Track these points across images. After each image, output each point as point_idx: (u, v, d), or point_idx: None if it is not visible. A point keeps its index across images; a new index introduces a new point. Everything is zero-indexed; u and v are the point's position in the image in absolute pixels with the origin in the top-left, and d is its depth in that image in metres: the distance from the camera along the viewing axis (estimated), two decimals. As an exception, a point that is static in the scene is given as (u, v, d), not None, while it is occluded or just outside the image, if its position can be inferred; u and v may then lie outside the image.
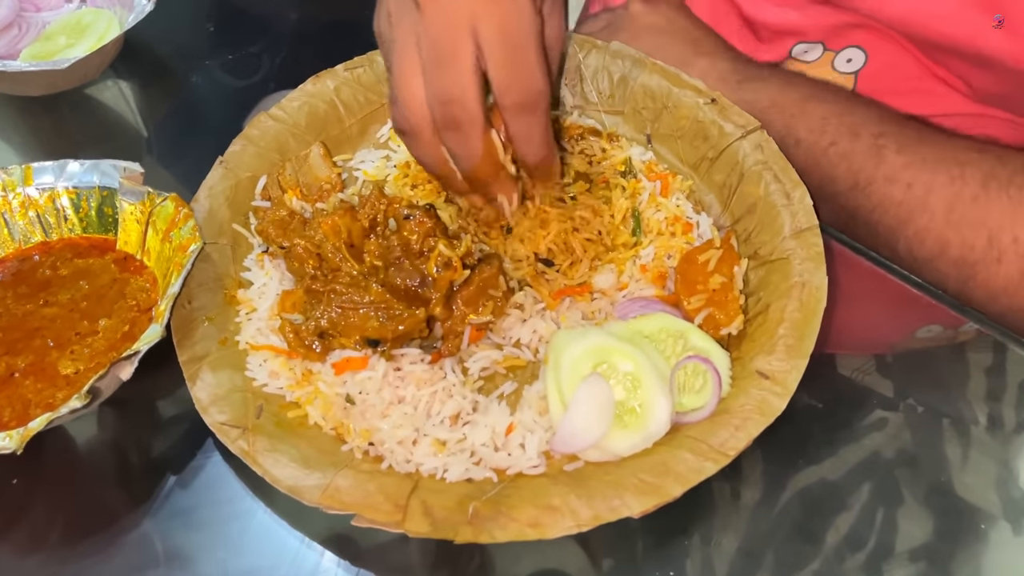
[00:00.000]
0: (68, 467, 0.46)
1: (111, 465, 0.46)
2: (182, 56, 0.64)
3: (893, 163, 0.50)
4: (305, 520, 0.43)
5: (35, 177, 0.50)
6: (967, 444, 0.53)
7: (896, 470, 0.48)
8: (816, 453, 0.49)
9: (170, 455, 0.45)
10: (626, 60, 0.57)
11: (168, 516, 0.43)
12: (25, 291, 0.49)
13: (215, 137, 0.54)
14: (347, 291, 0.46)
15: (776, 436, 0.46)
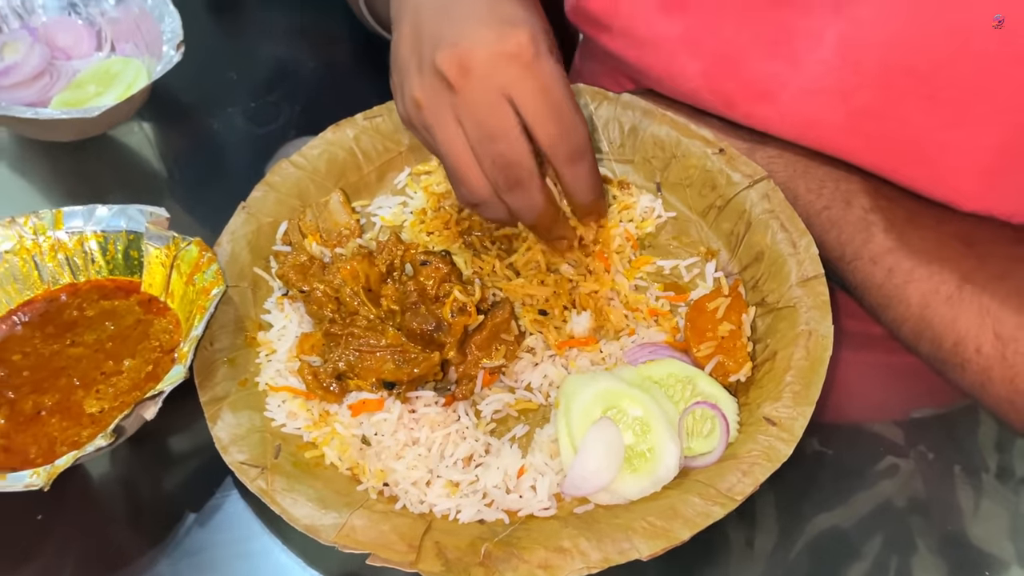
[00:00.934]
0: (89, 503, 0.47)
1: (130, 502, 0.47)
2: (205, 103, 0.66)
3: (879, 244, 0.51)
4: (321, 559, 0.44)
5: (65, 221, 0.52)
6: (979, 492, 0.54)
7: (908, 518, 0.49)
8: (828, 500, 0.50)
9: (189, 493, 0.46)
10: (636, 111, 0.58)
11: (187, 553, 0.44)
12: (52, 331, 0.51)
13: (237, 182, 0.56)
14: (364, 334, 0.47)
15: (787, 483, 0.47)
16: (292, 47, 0.72)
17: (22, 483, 0.41)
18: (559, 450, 0.45)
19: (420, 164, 0.59)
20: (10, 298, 0.51)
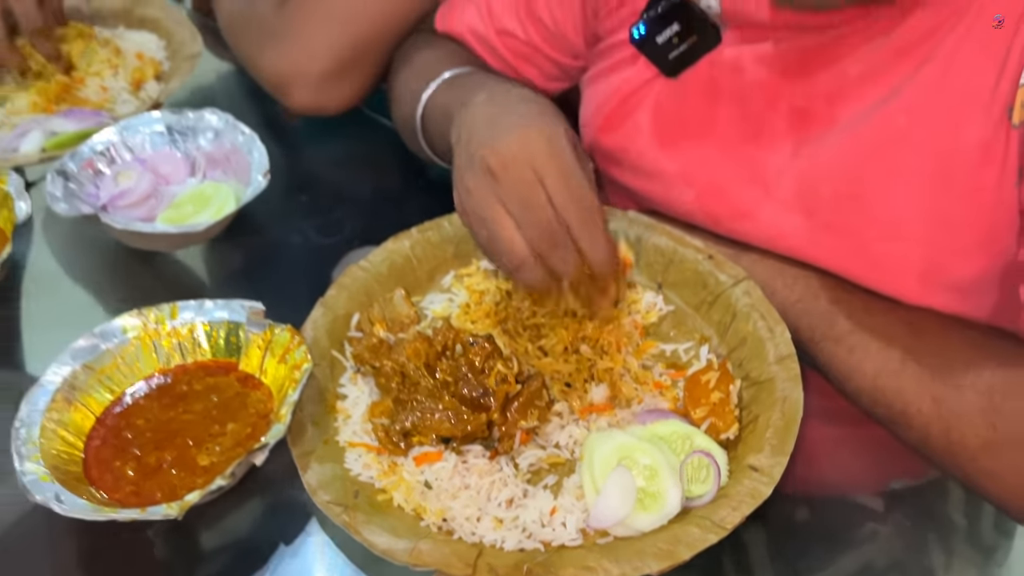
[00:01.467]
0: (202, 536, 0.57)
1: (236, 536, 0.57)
2: (283, 219, 0.80)
3: (841, 327, 0.63)
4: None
5: (180, 313, 0.65)
6: (950, 554, 0.64)
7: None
8: (818, 561, 0.60)
9: (283, 529, 0.57)
10: (640, 225, 0.72)
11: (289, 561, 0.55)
12: (168, 402, 0.62)
13: (311, 283, 0.68)
14: (425, 400, 0.59)
15: (781, 547, 0.57)
16: (352, 173, 0.87)
17: (160, 513, 0.52)
18: (583, 493, 0.56)
19: (463, 268, 0.72)
20: (134, 374, 0.63)
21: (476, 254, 0.72)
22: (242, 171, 0.79)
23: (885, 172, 0.61)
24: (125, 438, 0.60)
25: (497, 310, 0.67)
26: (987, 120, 0.57)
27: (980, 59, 0.57)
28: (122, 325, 0.63)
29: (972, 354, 0.59)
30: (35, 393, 0.59)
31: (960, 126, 0.58)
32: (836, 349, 0.63)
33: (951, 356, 0.59)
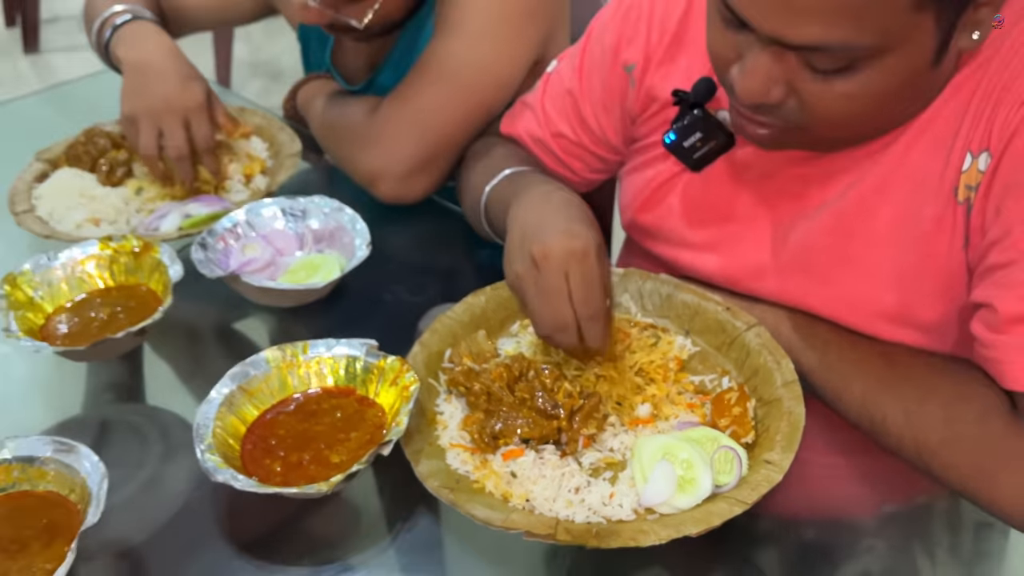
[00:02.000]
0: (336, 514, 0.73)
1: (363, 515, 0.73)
2: (377, 282, 0.98)
3: (832, 359, 0.80)
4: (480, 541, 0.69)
5: (309, 349, 0.82)
6: (935, 563, 0.78)
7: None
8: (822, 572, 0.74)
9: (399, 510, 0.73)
10: (670, 284, 0.89)
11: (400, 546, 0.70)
12: (301, 416, 0.79)
13: (404, 332, 0.86)
14: (509, 411, 0.75)
15: (789, 563, 0.72)
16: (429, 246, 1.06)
17: (314, 490, 0.68)
18: (635, 483, 0.72)
19: (526, 319, 0.89)
20: (275, 395, 0.80)
21: (538, 308, 0.90)
22: (344, 244, 0.98)
23: (862, 238, 0.79)
24: (270, 444, 0.76)
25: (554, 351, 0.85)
26: (938, 198, 0.74)
27: (931, 152, 0.75)
28: (267, 356, 0.81)
29: (934, 376, 0.75)
30: (206, 405, 0.76)
31: (917, 203, 0.76)
32: (829, 376, 0.80)
33: (917, 378, 0.76)
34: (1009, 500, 0.68)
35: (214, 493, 0.75)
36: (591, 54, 0.95)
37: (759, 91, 0.68)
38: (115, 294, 0.94)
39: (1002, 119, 0.69)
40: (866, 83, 0.66)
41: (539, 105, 1.00)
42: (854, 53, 0.64)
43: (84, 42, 1.25)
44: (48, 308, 0.91)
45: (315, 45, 1.31)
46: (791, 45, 0.65)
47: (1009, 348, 0.68)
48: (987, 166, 0.70)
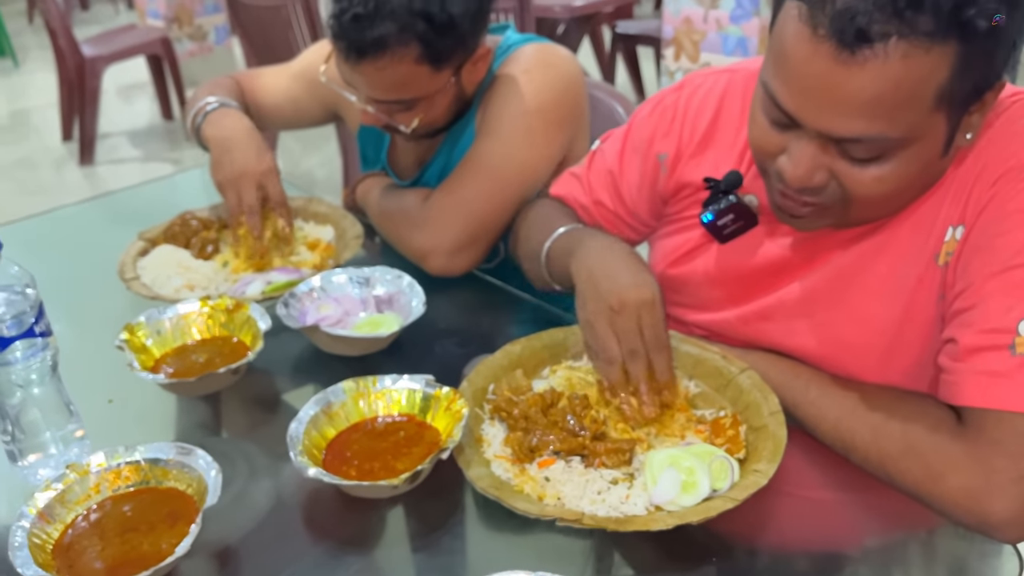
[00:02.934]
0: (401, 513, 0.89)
1: (423, 513, 0.89)
2: (429, 338, 1.16)
3: (813, 395, 0.96)
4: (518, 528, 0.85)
5: (379, 383, 0.99)
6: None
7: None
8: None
9: (450, 508, 0.89)
10: (675, 339, 1.06)
11: (451, 536, 0.86)
12: (370, 435, 0.95)
13: (452, 375, 1.03)
14: (543, 430, 0.92)
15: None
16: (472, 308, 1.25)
17: (387, 483, 0.85)
18: (647, 487, 0.87)
19: (555, 364, 1.07)
20: (349, 419, 0.97)
21: (564, 356, 1.08)
22: (402, 306, 1.17)
23: (858, 289, 0.95)
24: (346, 455, 0.93)
25: (583, 385, 1.02)
26: (919, 262, 0.89)
27: (917, 226, 0.89)
28: (344, 387, 0.98)
29: (895, 401, 0.92)
30: (296, 423, 0.93)
31: (904, 265, 0.92)
32: (809, 409, 0.96)
33: (881, 403, 0.92)
34: (954, 498, 0.83)
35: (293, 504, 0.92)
36: (631, 141, 1.16)
37: (807, 176, 0.84)
38: (211, 344, 1.12)
39: (976, 197, 0.86)
40: (894, 169, 0.81)
41: (585, 176, 1.21)
42: (886, 144, 0.79)
43: (131, 155, 1.50)
44: (157, 353, 1.10)
45: (372, 146, 1.54)
46: (836, 138, 0.81)
47: (964, 372, 0.84)
48: (961, 235, 0.86)
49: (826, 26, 0.75)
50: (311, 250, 1.33)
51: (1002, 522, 0.79)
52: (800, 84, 0.80)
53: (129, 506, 0.87)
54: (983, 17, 0.73)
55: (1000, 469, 0.79)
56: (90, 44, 4.33)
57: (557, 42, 1.42)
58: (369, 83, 1.22)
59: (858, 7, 0.73)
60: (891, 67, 0.75)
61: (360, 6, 1.16)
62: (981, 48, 0.76)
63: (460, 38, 1.22)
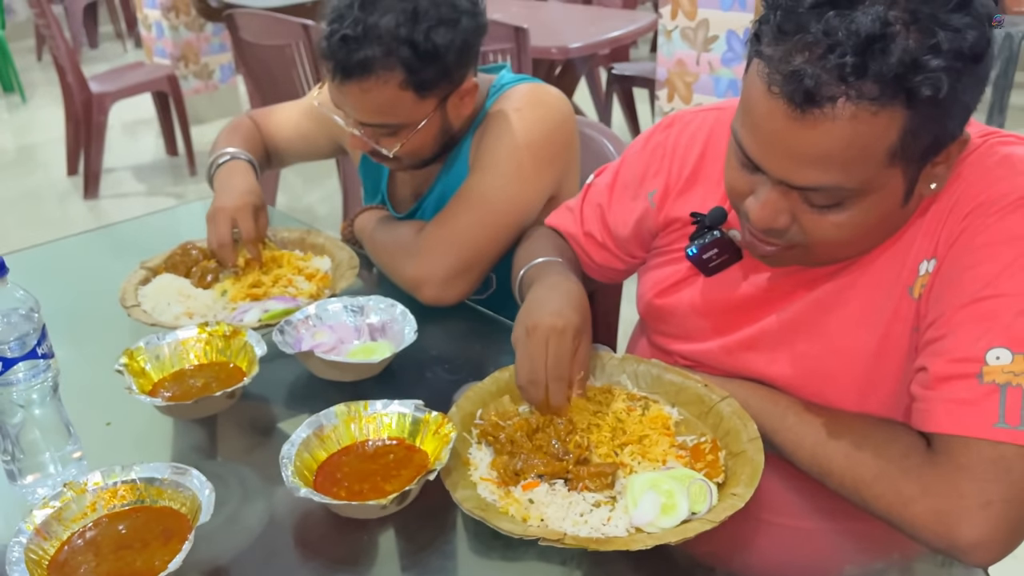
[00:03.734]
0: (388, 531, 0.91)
1: (410, 530, 0.91)
2: (420, 364, 1.19)
3: (790, 422, 0.99)
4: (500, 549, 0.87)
5: (370, 407, 1.02)
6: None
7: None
8: None
9: (437, 527, 0.91)
10: (658, 367, 1.10)
11: (437, 551, 0.88)
12: (363, 459, 0.98)
13: (442, 401, 1.06)
14: (528, 454, 0.95)
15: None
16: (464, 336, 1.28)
17: (375, 503, 0.87)
18: (628, 510, 0.90)
19: (543, 393, 1.10)
20: (340, 441, 1.00)
21: (552, 384, 1.10)
22: (395, 333, 1.20)
23: (836, 320, 0.99)
24: (337, 477, 0.96)
25: (569, 411, 1.05)
26: (893, 294, 0.93)
27: (891, 261, 0.93)
28: (335, 411, 1.01)
29: (868, 427, 0.94)
30: (288, 444, 0.96)
31: (879, 297, 0.95)
32: (787, 435, 0.99)
33: (855, 430, 0.95)
34: (924, 522, 0.85)
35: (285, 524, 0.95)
36: (623, 177, 1.21)
37: (770, 219, 0.89)
38: (208, 369, 1.16)
39: (947, 232, 0.90)
40: (852, 217, 0.86)
41: (578, 209, 1.26)
42: (842, 194, 0.84)
43: (135, 190, 1.57)
44: (155, 378, 1.13)
45: (372, 179, 1.59)
46: (794, 186, 0.85)
47: (934, 400, 0.87)
48: (933, 268, 0.90)
49: (779, 85, 0.80)
50: (308, 280, 1.37)
51: (971, 545, 0.82)
52: (761, 135, 0.85)
53: (124, 524, 0.90)
54: (928, 85, 0.76)
55: (968, 494, 0.82)
56: (97, 80, 4.41)
57: (554, 83, 1.47)
58: (355, 105, 1.27)
59: (806, 70, 0.78)
60: (840, 127, 0.79)
61: (349, 28, 1.21)
62: (930, 112, 0.80)
63: (444, 68, 1.27)
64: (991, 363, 0.83)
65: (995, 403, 0.83)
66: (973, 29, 0.76)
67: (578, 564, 0.89)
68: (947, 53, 0.76)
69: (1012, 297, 0.84)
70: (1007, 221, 0.86)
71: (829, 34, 0.76)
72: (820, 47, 0.77)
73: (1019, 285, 0.84)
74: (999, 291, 0.84)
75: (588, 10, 4.39)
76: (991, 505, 0.81)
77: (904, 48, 0.75)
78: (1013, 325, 0.83)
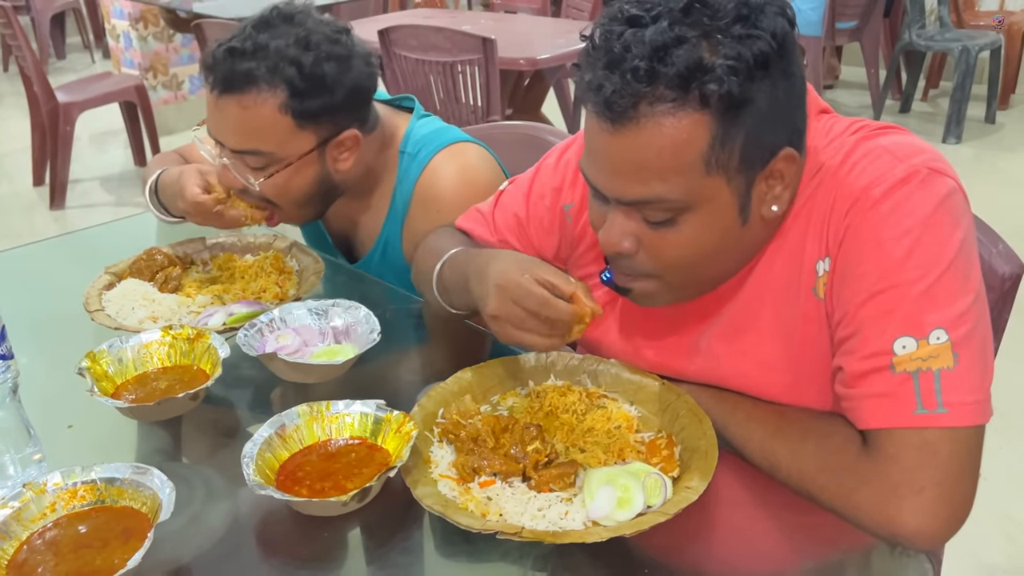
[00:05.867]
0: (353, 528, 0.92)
1: (372, 526, 0.92)
2: (384, 366, 1.21)
3: (739, 417, 1.01)
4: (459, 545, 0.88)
5: (332, 407, 1.03)
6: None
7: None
8: None
9: (398, 522, 0.92)
10: (617, 366, 1.12)
11: (399, 546, 0.89)
12: (325, 458, 0.99)
13: (407, 401, 1.08)
14: (487, 453, 0.96)
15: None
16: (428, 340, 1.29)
17: (336, 500, 0.88)
18: (585, 504, 0.92)
19: (505, 392, 1.11)
20: (303, 440, 1.01)
21: (513, 385, 1.12)
22: (359, 336, 1.21)
23: (752, 335, 1.02)
24: (298, 476, 0.97)
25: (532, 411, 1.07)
26: (799, 297, 0.96)
27: (787, 263, 0.97)
28: (298, 411, 1.02)
29: (810, 421, 0.97)
30: (250, 444, 0.97)
31: (786, 302, 0.98)
32: (736, 431, 1.01)
33: (799, 424, 0.97)
34: (867, 512, 0.88)
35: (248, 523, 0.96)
36: (537, 188, 1.22)
37: (615, 241, 0.93)
38: (172, 371, 1.16)
39: (833, 230, 0.94)
40: (688, 235, 0.91)
41: (490, 215, 1.26)
42: (671, 206, 0.88)
43: (102, 200, 1.56)
44: (118, 381, 1.14)
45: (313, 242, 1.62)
46: (624, 201, 0.90)
47: (856, 398, 0.91)
48: (829, 267, 0.93)
49: (591, 101, 0.86)
50: (277, 272, 1.38)
51: (912, 532, 0.84)
52: (592, 157, 0.92)
53: (84, 524, 0.90)
54: (714, 82, 0.82)
55: (902, 483, 0.85)
56: (64, 91, 4.39)
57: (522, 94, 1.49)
58: (230, 125, 1.26)
59: (607, 81, 0.84)
60: (647, 134, 0.85)
61: (238, 41, 1.23)
62: (730, 116, 0.85)
63: (328, 103, 1.27)
64: (899, 353, 0.87)
65: (910, 390, 0.86)
66: (757, 40, 0.82)
67: (538, 558, 0.90)
68: (730, 55, 0.82)
69: (904, 286, 0.87)
70: (882, 212, 0.89)
71: (626, 48, 0.83)
72: (617, 60, 0.84)
73: (908, 273, 0.87)
74: (891, 282, 0.87)
75: (556, 22, 4.45)
76: (924, 491, 0.84)
77: (690, 53, 0.82)
78: (911, 313, 0.86)
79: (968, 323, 0.86)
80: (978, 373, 0.86)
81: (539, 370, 1.14)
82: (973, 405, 0.85)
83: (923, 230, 0.88)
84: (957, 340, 0.86)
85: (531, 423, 1.01)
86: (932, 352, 0.86)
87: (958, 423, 0.85)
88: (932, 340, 0.86)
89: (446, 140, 1.43)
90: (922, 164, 0.91)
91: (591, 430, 1.03)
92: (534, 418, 1.05)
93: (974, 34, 4.85)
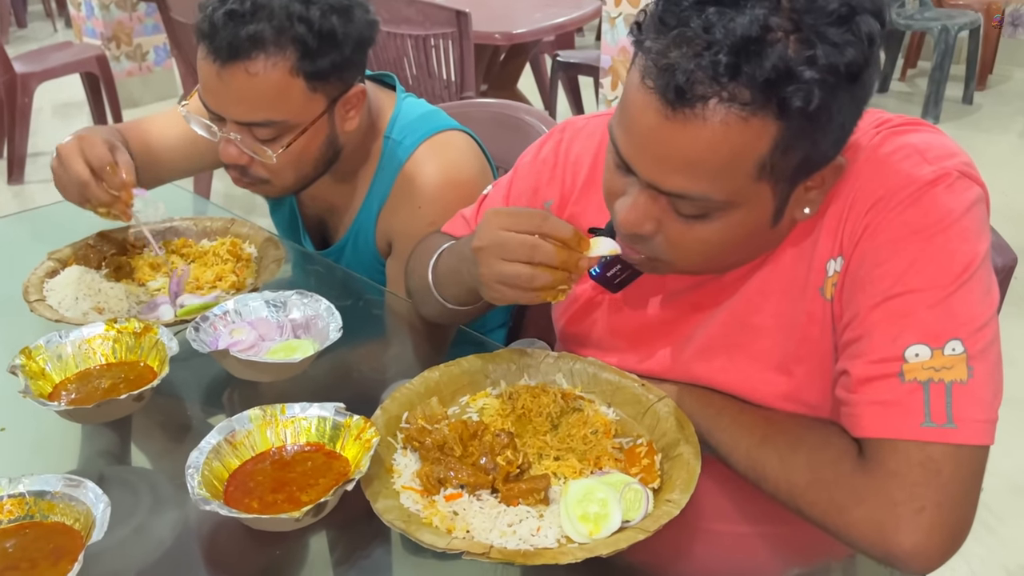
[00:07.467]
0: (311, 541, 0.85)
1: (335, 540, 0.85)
2: (346, 363, 1.13)
3: (725, 423, 0.95)
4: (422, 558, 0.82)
5: (287, 411, 0.96)
6: None
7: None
8: None
9: (359, 538, 0.85)
10: (595, 365, 1.05)
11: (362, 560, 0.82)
12: (277, 465, 0.92)
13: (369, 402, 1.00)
14: (454, 463, 0.89)
15: None
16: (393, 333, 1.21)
17: (288, 517, 0.81)
18: (560, 519, 0.85)
19: (475, 393, 1.05)
20: (255, 447, 0.93)
21: (484, 384, 1.05)
22: (319, 330, 1.13)
23: (751, 330, 0.96)
24: (249, 486, 0.89)
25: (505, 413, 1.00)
26: (805, 296, 0.92)
27: (796, 261, 0.92)
28: (250, 415, 0.95)
29: (801, 430, 0.91)
30: (196, 452, 0.89)
31: (790, 300, 0.93)
32: (721, 437, 0.95)
33: (789, 433, 0.91)
34: (860, 530, 0.82)
35: (196, 537, 0.89)
36: (516, 189, 1.16)
37: (636, 223, 0.86)
38: (117, 368, 1.08)
39: (850, 229, 0.88)
40: (717, 232, 0.84)
41: (473, 220, 1.19)
42: (709, 204, 0.82)
43: None
44: (56, 379, 1.05)
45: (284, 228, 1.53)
46: (662, 190, 0.83)
47: (859, 404, 0.84)
48: (841, 267, 0.89)
49: (653, 78, 0.77)
50: (234, 259, 1.30)
51: (907, 554, 0.79)
52: (633, 133, 0.83)
53: (11, 542, 0.82)
54: (799, 96, 0.74)
55: (901, 501, 0.79)
56: (22, 61, 4.22)
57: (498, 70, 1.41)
58: (236, 96, 1.15)
59: (680, 66, 0.75)
60: (709, 130, 0.77)
61: (236, 3, 1.10)
62: (802, 126, 0.77)
63: (339, 59, 1.18)
64: (911, 360, 0.81)
65: (919, 401, 0.80)
66: (852, 47, 0.74)
67: (510, 571, 0.84)
68: (822, 67, 0.74)
69: (923, 292, 0.82)
70: (907, 215, 0.84)
71: (708, 31, 0.74)
72: (697, 44, 0.75)
73: (928, 279, 0.82)
74: (909, 287, 0.82)
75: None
76: (924, 511, 0.78)
77: (780, 55, 0.73)
78: (927, 320, 0.81)
79: (986, 338, 0.80)
80: (991, 391, 0.80)
81: (512, 370, 1.07)
82: (985, 424, 0.79)
83: (948, 236, 0.82)
84: (974, 354, 0.79)
85: (502, 429, 0.94)
86: (946, 363, 0.80)
87: (967, 441, 0.78)
88: (947, 351, 0.80)
89: (432, 128, 1.33)
90: (953, 167, 0.85)
91: (567, 436, 0.97)
92: (505, 422, 0.98)
93: (953, 13, 4.81)
